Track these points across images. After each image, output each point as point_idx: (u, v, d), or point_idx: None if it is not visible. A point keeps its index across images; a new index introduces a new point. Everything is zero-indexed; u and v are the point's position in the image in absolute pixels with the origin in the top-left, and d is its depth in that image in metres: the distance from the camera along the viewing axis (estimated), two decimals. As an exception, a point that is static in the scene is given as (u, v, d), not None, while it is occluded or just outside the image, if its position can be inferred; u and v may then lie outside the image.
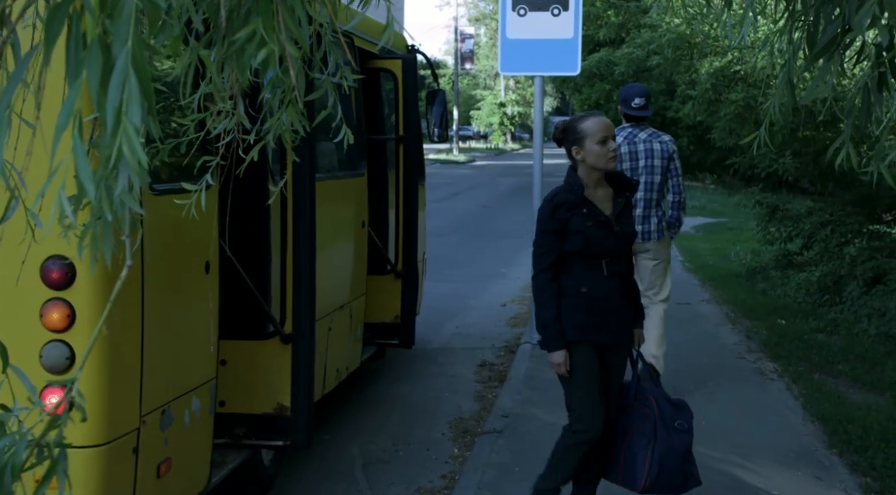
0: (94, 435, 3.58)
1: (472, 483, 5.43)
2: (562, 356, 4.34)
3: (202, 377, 4.42)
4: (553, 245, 4.37)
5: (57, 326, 3.60)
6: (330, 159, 6.65)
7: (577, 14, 8.63)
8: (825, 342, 9.04)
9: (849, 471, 5.54)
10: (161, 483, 4.03)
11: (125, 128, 1.22)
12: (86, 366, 3.34)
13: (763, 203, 12.95)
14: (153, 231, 3.85)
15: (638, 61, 12.47)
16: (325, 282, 5.87)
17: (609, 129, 4.38)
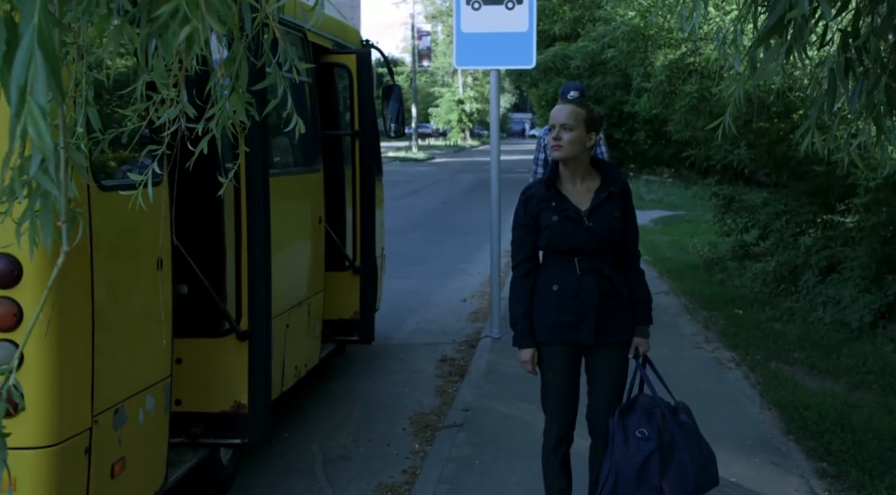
0: (44, 436, 3.51)
1: (433, 477, 5.41)
2: (528, 354, 4.22)
3: (156, 375, 4.35)
4: (525, 239, 4.21)
5: (3, 326, 3.52)
6: (285, 154, 6.64)
7: (531, 7, 8.64)
8: (781, 330, 9.13)
9: (805, 457, 5.59)
10: (115, 483, 3.96)
11: (30, 108, 1.17)
12: (35, 365, 3.42)
13: (719, 195, 13.06)
14: (102, 227, 3.79)
15: (593, 55, 12.52)
16: (282, 278, 5.86)
17: (557, 117, 4.13)
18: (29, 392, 3.46)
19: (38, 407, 3.50)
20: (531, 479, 5.26)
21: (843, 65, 2.43)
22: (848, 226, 11.07)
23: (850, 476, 5.18)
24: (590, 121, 4.15)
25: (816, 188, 11.72)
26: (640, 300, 4.23)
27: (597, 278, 4.10)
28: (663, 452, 4.02)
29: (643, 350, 4.25)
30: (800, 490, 5.07)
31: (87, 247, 3.69)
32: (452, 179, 34.50)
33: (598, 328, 4.13)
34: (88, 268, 3.72)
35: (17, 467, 3.47)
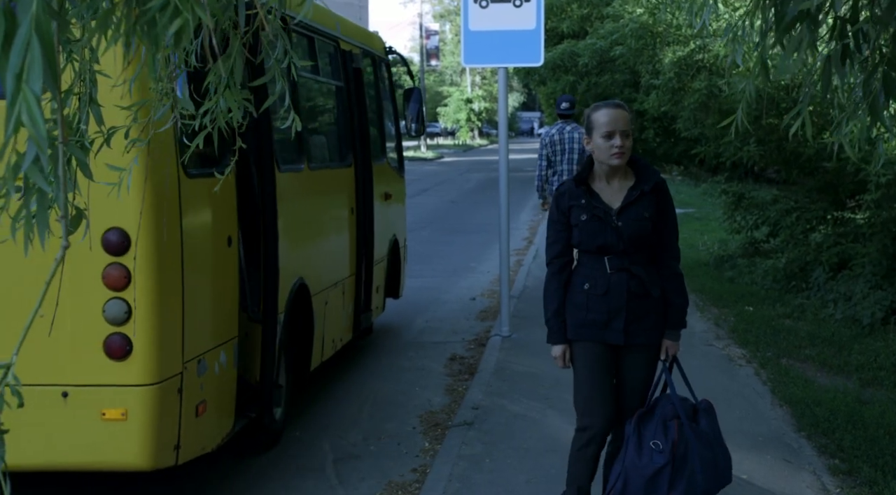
0: (148, 376, 4.42)
1: (443, 475, 5.41)
2: (559, 350, 4.23)
3: (227, 335, 5.22)
4: (557, 236, 4.20)
5: (116, 285, 4.36)
6: (322, 151, 7.53)
7: (539, 5, 8.63)
8: (792, 327, 9.10)
9: (817, 454, 5.57)
10: (199, 421, 4.82)
11: (25, 95, 1.17)
12: (141, 319, 4.38)
13: (729, 192, 13.01)
14: (188, 208, 4.69)
15: (601, 52, 12.51)
16: (320, 261, 6.99)
17: (617, 123, 4.03)
18: (136, 339, 4.36)
19: (144, 353, 4.41)
20: (541, 477, 5.25)
21: (840, 51, 2.42)
22: (859, 223, 11.03)
23: (862, 472, 5.16)
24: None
25: (826, 184, 11.68)
26: (673, 302, 4.15)
27: (627, 277, 4.04)
28: (675, 465, 3.99)
29: (672, 352, 4.19)
30: (812, 486, 5.05)
31: (178, 224, 4.58)
32: (461, 178, 34.51)
33: (626, 328, 4.07)
34: (179, 241, 4.58)
35: (127, 401, 4.40)
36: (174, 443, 4.62)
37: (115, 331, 4.36)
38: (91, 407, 4.43)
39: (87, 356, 4.41)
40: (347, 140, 7.88)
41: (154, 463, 4.54)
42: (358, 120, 8.13)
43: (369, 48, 8.87)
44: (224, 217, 5.20)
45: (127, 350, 4.38)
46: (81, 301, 4.32)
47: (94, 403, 4.44)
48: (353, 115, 8.01)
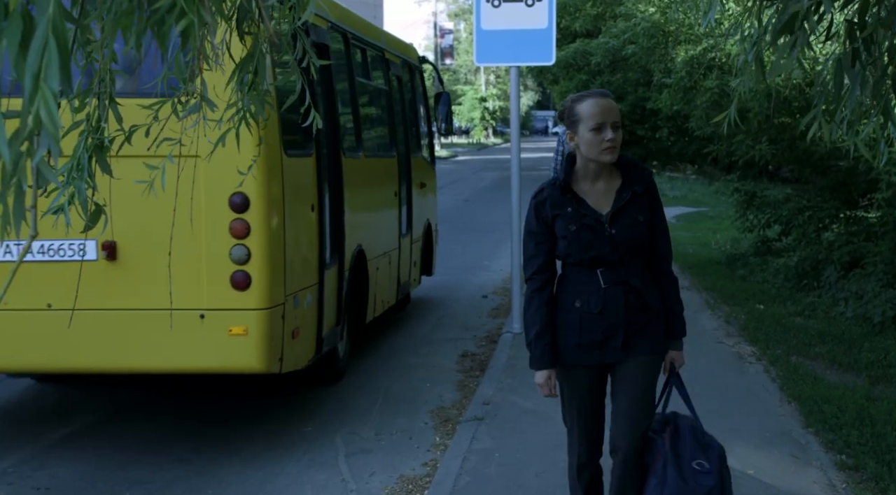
0: (264, 302, 5.89)
1: (454, 469, 5.47)
2: (542, 377, 3.76)
3: (312, 281, 6.73)
4: (537, 249, 3.73)
5: (239, 235, 5.82)
6: (373, 143, 9.01)
7: (550, 4, 8.68)
8: (803, 325, 9.14)
9: (824, 450, 5.61)
10: (293, 343, 6.28)
11: (43, 93, 1.24)
12: (256, 260, 5.82)
13: (741, 190, 13.06)
14: (288, 180, 6.18)
15: (614, 51, 12.55)
16: (373, 233, 8.50)
17: (607, 113, 3.60)
18: (254, 275, 5.83)
19: (260, 286, 5.86)
20: (550, 471, 5.31)
21: (850, 55, 2.47)
22: (871, 222, 11.06)
23: (868, 467, 5.20)
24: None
25: (839, 183, 11.72)
26: (673, 310, 3.76)
27: (623, 291, 3.63)
28: (724, 487, 3.63)
29: (679, 364, 3.83)
30: (818, 482, 5.09)
31: (281, 191, 6.06)
32: (475, 177, 34.56)
33: (626, 343, 3.66)
34: (282, 203, 6.07)
35: (248, 321, 5.84)
36: (279, 356, 6.07)
37: (238, 268, 5.84)
38: (221, 326, 5.86)
39: (218, 287, 5.86)
40: (391, 135, 9.60)
41: (266, 368, 5.96)
42: (399, 118, 9.88)
43: (406, 58, 10.66)
44: (309, 189, 6.77)
45: (248, 283, 5.85)
46: (214, 247, 5.83)
47: (223, 323, 5.87)
48: (395, 114, 9.74)
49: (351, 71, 8.24)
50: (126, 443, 6.35)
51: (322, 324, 6.92)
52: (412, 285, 10.44)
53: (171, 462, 5.99)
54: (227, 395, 7.48)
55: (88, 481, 5.68)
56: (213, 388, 7.66)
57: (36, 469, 5.80)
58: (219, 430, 6.62)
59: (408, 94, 10.51)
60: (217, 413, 7.06)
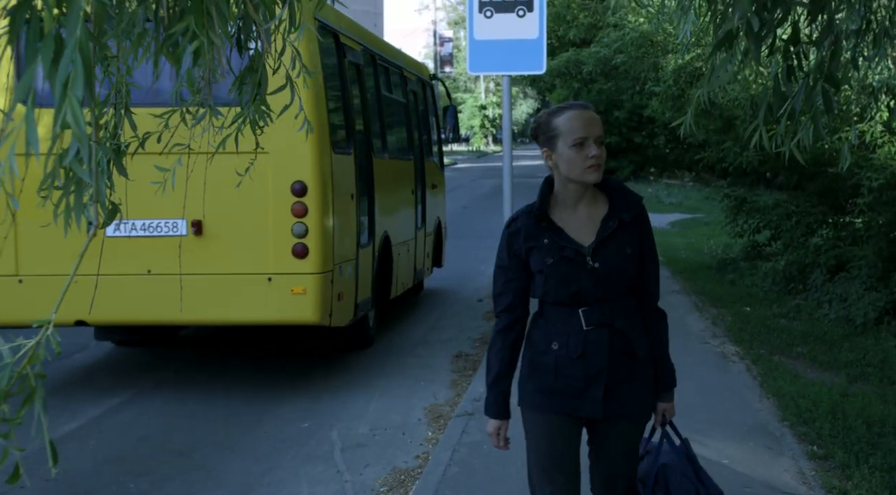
0: (319, 267, 7.40)
1: (444, 460, 5.73)
2: (493, 427, 3.33)
3: (351, 256, 8.14)
4: (506, 286, 3.29)
5: (299, 214, 7.32)
6: (395, 147, 10.51)
7: (541, 15, 8.95)
8: (787, 326, 9.40)
9: (797, 441, 5.88)
10: (339, 304, 7.77)
11: (70, 98, 1.51)
12: (313, 233, 7.34)
13: (731, 196, 13.33)
14: (336, 172, 7.71)
15: (605, 60, 12.83)
16: (396, 224, 10.03)
17: (589, 127, 3.13)
18: (310, 246, 7.32)
19: (315, 255, 7.37)
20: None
21: (786, 70, 2.74)
22: (857, 226, 11.32)
23: (836, 457, 5.46)
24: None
25: (826, 189, 11.98)
26: (663, 357, 3.32)
27: (608, 334, 3.16)
28: None
29: (670, 416, 3.40)
30: (789, 470, 5.35)
31: (330, 180, 7.57)
32: (473, 184, 34.81)
33: (607, 397, 3.18)
34: (331, 191, 7.57)
35: (306, 283, 7.34)
36: (329, 312, 7.56)
37: (298, 241, 7.33)
38: (284, 287, 7.36)
39: (282, 256, 7.35)
40: (409, 141, 11.16)
41: (319, 320, 7.48)
42: (415, 127, 11.48)
43: (420, 75, 12.40)
44: (349, 180, 8.19)
45: (306, 252, 7.34)
46: (279, 224, 7.35)
47: (286, 284, 7.37)
48: (412, 123, 11.35)
49: (377, 86, 9.99)
50: (126, 438, 6.61)
51: (358, 293, 8.37)
52: (426, 273, 11.99)
53: (172, 455, 6.24)
54: (225, 393, 7.75)
55: (94, 472, 5.93)
56: (212, 386, 7.94)
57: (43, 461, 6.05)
58: (218, 427, 6.88)
59: (421, 105, 12.09)
60: (215, 411, 7.32)
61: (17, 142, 1.65)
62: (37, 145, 1.58)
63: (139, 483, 5.75)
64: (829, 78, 2.70)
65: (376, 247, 9.10)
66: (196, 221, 7.38)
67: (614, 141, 34.52)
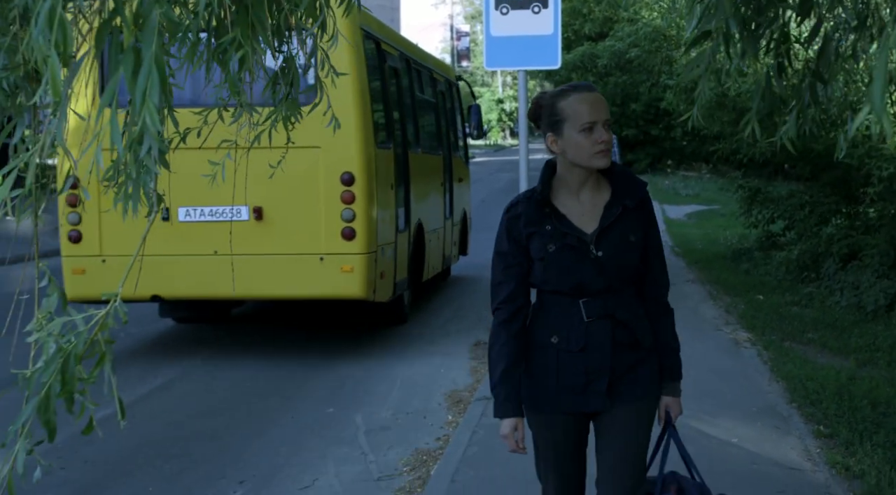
0: (364, 248, 8.32)
1: (464, 441, 5.98)
2: (508, 427, 3.09)
3: (391, 239, 9.14)
4: (506, 274, 3.12)
5: (347, 201, 8.23)
6: (426, 143, 11.51)
7: (556, 12, 9.16)
8: (798, 314, 9.60)
9: (804, 421, 6.10)
10: (381, 281, 8.71)
11: (148, 105, 1.77)
12: (360, 218, 8.27)
13: (745, 187, 13.50)
14: (378, 164, 8.64)
15: (619, 53, 13.03)
16: (428, 214, 10.98)
17: (598, 111, 3.01)
18: (357, 230, 8.22)
19: (361, 237, 8.28)
20: (552, 442, 5.79)
21: (777, 67, 2.97)
22: (870, 216, 11.49)
23: (841, 435, 5.68)
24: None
25: (839, 179, 12.14)
26: (669, 347, 3.17)
27: (610, 325, 3.04)
28: None
29: (675, 413, 3.21)
30: (795, 448, 5.57)
31: (374, 172, 8.47)
32: (491, 178, 34.99)
33: (611, 387, 3.07)
34: (375, 181, 8.48)
35: (353, 262, 8.25)
36: (373, 288, 8.52)
37: (347, 225, 8.24)
38: (335, 265, 8.28)
39: (333, 238, 8.27)
40: (438, 137, 12.18)
41: (365, 295, 8.44)
42: (443, 124, 12.48)
43: (447, 76, 13.52)
44: (389, 172, 9.17)
45: (353, 235, 8.25)
46: (330, 210, 8.28)
47: (336, 263, 8.28)
48: (440, 121, 12.37)
49: (412, 87, 11.02)
50: (158, 423, 6.88)
51: (396, 273, 9.35)
52: (453, 260, 13.03)
53: (203, 439, 6.51)
54: (253, 381, 8.03)
55: (129, 454, 6.21)
56: (239, 375, 8.22)
57: (85, 444, 6.34)
58: (246, 413, 7.15)
59: (448, 104, 13.09)
60: (243, 397, 7.59)
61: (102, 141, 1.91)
62: (119, 143, 1.84)
63: (172, 464, 6.02)
64: (817, 74, 2.92)
65: (411, 233, 10.09)
66: (257, 208, 8.35)
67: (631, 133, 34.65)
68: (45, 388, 1.81)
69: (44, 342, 1.96)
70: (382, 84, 9.50)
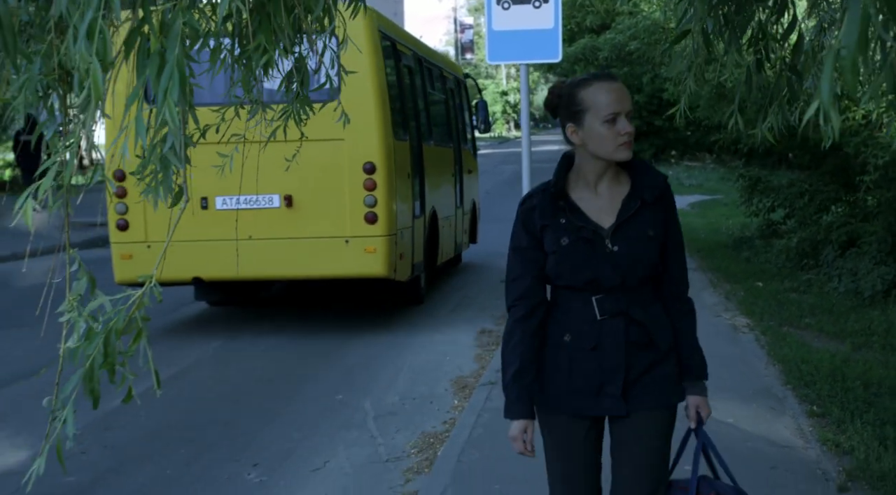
0: (385, 230, 9.10)
1: (469, 423, 6.19)
2: (517, 429, 3.00)
3: (409, 224, 9.95)
4: (525, 268, 3.03)
5: (369, 188, 9.04)
6: (438, 135, 12.29)
7: (556, 6, 9.36)
8: (797, 300, 9.79)
9: (798, 402, 6.30)
10: (400, 262, 9.50)
11: (168, 102, 1.98)
12: (381, 203, 9.12)
13: (745, 176, 13.68)
14: (396, 156, 9.46)
15: (620, 46, 13.20)
16: (440, 202, 11.72)
17: (622, 101, 2.90)
18: (379, 214, 9.02)
19: (383, 221, 9.08)
20: None
21: (755, 63, 3.17)
22: (868, 203, 11.66)
23: (833, 414, 5.89)
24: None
25: (838, 168, 12.31)
26: (690, 345, 3.08)
27: (624, 324, 2.93)
28: None
29: (705, 414, 3.09)
30: (789, 427, 5.78)
31: (393, 162, 9.29)
32: (495, 170, 35.21)
33: (626, 391, 2.95)
34: (394, 170, 9.29)
35: (376, 243, 9.05)
36: (394, 268, 9.30)
37: (369, 210, 9.04)
38: (359, 247, 9.09)
39: (357, 222, 9.08)
40: (448, 131, 12.98)
41: (386, 274, 9.21)
42: (453, 119, 13.35)
43: (455, 74, 14.34)
44: (406, 162, 10.02)
45: (375, 219, 9.05)
46: (354, 196, 9.08)
47: (360, 245, 9.09)
48: (450, 116, 13.24)
49: (424, 84, 11.78)
50: (173, 410, 7.10)
51: (414, 255, 10.14)
52: (464, 247, 13.87)
53: (217, 425, 6.74)
54: (262, 371, 8.26)
55: (145, 439, 6.45)
56: (251, 364, 8.44)
57: (104, 430, 6.57)
58: (258, 401, 7.38)
59: (457, 100, 13.87)
60: (256, 386, 7.82)
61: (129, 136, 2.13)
62: (144, 137, 2.05)
63: (188, 448, 6.24)
64: (793, 69, 3.12)
65: (426, 219, 10.93)
66: (287, 196, 9.19)
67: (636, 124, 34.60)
68: (89, 360, 2.02)
69: (75, 322, 2.16)
70: (398, 81, 10.26)
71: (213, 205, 9.22)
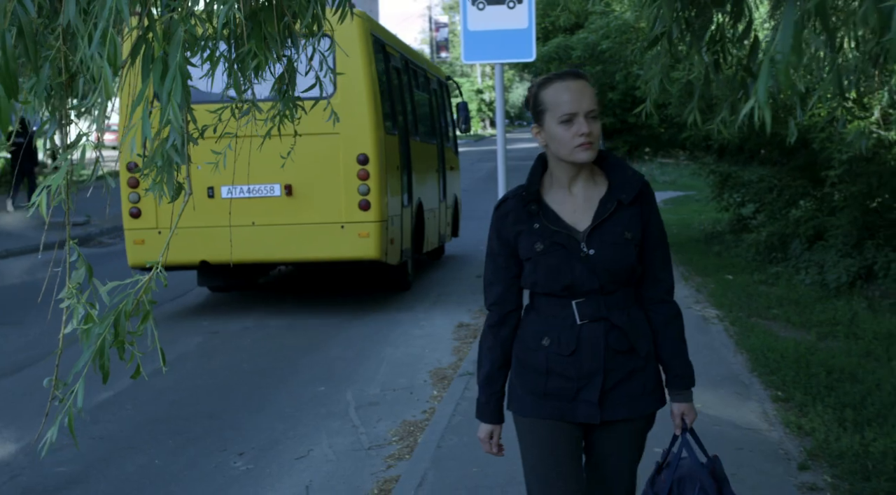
0: (378, 216, 9.94)
1: (448, 411, 6.41)
2: (484, 432, 3.03)
3: (398, 212, 10.74)
4: (496, 275, 3.00)
5: (363, 178, 9.86)
6: (423, 131, 13.12)
7: (530, 7, 9.58)
8: (765, 292, 10.08)
9: (763, 387, 6.56)
10: (391, 247, 10.28)
11: (172, 102, 2.18)
12: (374, 190, 9.99)
13: (716, 172, 13.98)
14: (386, 149, 10.25)
15: (592, 45, 13.46)
16: (426, 194, 12.51)
17: (580, 100, 2.81)
18: (371, 202, 9.87)
19: (375, 208, 9.92)
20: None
21: (714, 63, 3.41)
22: (835, 198, 11.98)
23: (796, 399, 6.15)
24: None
25: (806, 163, 12.63)
26: (674, 351, 2.97)
27: (604, 328, 2.86)
28: None
29: (690, 419, 3.01)
30: (754, 411, 6.03)
31: (384, 154, 10.15)
32: (472, 168, 35.39)
33: (603, 399, 2.88)
34: (385, 162, 10.15)
35: (369, 229, 9.90)
36: (385, 252, 10.10)
37: (363, 198, 9.84)
38: (354, 232, 9.90)
39: (351, 208, 9.90)
40: (432, 128, 13.91)
41: (378, 257, 10.01)
42: (436, 117, 14.25)
43: (438, 76, 15.28)
44: (396, 155, 10.82)
45: (368, 206, 9.87)
46: (348, 185, 9.90)
47: (355, 230, 9.90)
48: (434, 115, 14.14)
49: (410, 85, 12.66)
50: (160, 403, 7.28)
51: (402, 242, 10.90)
52: (447, 238, 14.62)
53: (203, 417, 6.92)
54: (249, 364, 8.44)
55: (133, 431, 6.62)
56: (237, 358, 8.63)
57: (93, 423, 6.74)
58: (243, 393, 7.57)
59: (439, 100, 14.82)
60: (241, 378, 8.01)
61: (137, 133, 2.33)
62: (150, 134, 2.26)
63: (176, 440, 6.42)
64: (747, 69, 3.36)
65: (413, 209, 11.75)
66: (287, 185, 9.99)
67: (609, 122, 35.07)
68: (100, 339, 2.21)
69: (74, 308, 2.35)
70: (388, 81, 11.05)
71: (219, 194, 9.96)
